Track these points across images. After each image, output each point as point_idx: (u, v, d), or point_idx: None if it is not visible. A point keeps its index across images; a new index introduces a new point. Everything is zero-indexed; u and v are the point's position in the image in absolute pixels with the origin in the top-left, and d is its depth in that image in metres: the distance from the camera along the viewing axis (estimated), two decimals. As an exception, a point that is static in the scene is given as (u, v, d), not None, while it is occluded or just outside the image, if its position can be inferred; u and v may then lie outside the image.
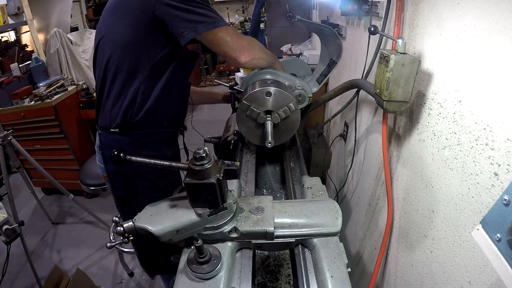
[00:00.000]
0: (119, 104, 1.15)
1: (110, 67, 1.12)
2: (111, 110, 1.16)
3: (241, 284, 0.73)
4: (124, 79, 1.11)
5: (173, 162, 0.76)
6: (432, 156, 0.85)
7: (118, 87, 1.13)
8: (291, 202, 0.86)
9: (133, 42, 1.06)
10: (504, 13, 0.57)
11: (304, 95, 1.20)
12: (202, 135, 1.64)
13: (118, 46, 1.08)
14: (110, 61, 1.11)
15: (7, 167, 2.17)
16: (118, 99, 1.14)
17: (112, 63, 1.11)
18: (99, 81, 1.18)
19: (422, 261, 0.93)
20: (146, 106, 1.14)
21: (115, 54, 1.09)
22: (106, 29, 1.13)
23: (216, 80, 1.88)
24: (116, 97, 1.14)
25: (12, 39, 3.97)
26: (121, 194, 1.31)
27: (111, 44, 1.10)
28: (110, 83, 1.14)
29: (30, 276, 2.18)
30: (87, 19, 5.66)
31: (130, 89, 1.12)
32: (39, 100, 2.69)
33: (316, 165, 1.96)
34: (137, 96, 1.12)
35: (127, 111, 1.14)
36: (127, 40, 1.06)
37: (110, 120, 1.17)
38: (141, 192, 1.28)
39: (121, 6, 1.08)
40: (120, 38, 1.07)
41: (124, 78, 1.11)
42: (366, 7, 1.27)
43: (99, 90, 1.21)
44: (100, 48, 1.15)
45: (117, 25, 1.09)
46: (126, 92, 1.13)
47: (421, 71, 0.87)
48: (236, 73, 2.46)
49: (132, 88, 1.11)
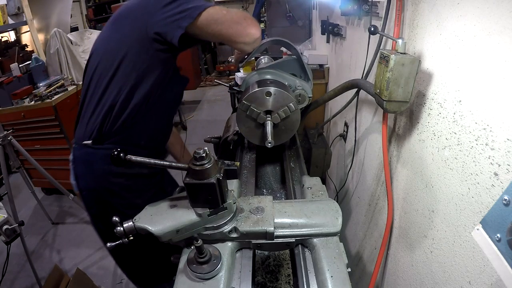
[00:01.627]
0: (97, 112, 1.10)
1: (95, 74, 1.10)
2: (89, 119, 1.11)
3: (241, 284, 0.73)
4: (106, 85, 1.08)
5: (173, 162, 0.76)
6: (432, 156, 0.85)
7: (99, 94, 1.09)
8: (291, 202, 0.86)
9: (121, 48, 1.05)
10: (504, 13, 0.57)
11: (304, 95, 1.20)
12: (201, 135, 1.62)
13: (106, 53, 1.08)
14: (97, 68, 1.09)
15: (7, 167, 2.17)
16: (97, 107, 1.10)
17: (98, 70, 1.09)
18: (83, 93, 1.15)
19: (422, 261, 0.93)
20: (124, 115, 1.09)
21: (102, 61, 1.08)
22: (101, 42, 1.13)
23: (216, 80, 1.87)
24: (95, 105, 1.10)
25: (12, 39, 3.97)
26: (96, 212, 1.24)
27: (101, 54, 1.09)
28: (92, 91, 1.11)
29: (30, 276, 2.18)
30: (87, 19, 5.66)
31: (110, 96, 1.08)
32: (39, 100, 2.69)
33: (316, 165, 1.96)
34: (116, 104, 1.08)
35: (104, 120, 1.09)
36: (116, 47, 1.06)
37: (85, 131, 1.12)
38: (117, 210, 1.19)
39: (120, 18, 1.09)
40: (111, 48, 1.07)
41: (106, 84, 1.08)
42: (366, 7, 1.27)
43: (81, 102, 1.16)
44: (91, 60, 1.14)
45: (111, 37, 1.10)
46: (106, 99, 1.08)
47: (421, 71, 0.87)
48: (236, 73, 2.46)
49: (112, 95, 1.07)
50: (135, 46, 1.04)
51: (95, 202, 1.20)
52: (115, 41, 1.08)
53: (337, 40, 1.96)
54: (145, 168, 1.22)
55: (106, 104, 1.08)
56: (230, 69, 6.36)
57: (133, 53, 1.04)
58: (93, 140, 1.11)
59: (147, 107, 1.12)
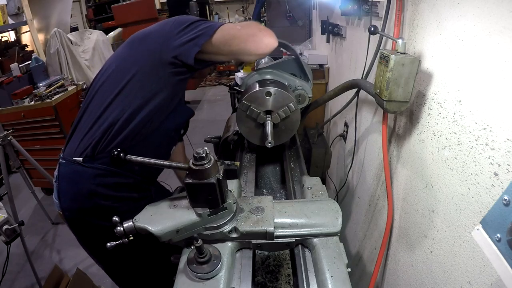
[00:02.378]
0: (95, 128, 1.05)
1: (100, 90, 1.08)
2: (85, 135, 1.06)
3: (241, 284, 0.73)
4: (109, 102, 1.05)
5: (173, 162, 0.76)
6: (432, 156, 0.85)
7: (101, 110, 1.05)
8: (291, 202, 0.86)
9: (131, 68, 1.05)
10: (504, 13, 0.57)
11: (304, 95, 1.20)
12: (201, 135, 1.62)
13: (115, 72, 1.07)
14: (103, 84, 1.08)
15: (7, 167, 2.17)
16: (95, 123, 1.05)
17: (104, 86, 1.08)
18: (85, 105, 1.11)
19: (422, 261, 0.93)
20: (122, 135, 1.04)
21: (110, 78, 1.07)
22: (113, 60, 1.13)
23: (216, 80, 1.87)
24: (94, 121, 1.05)
25: (12, 39, 3.98)
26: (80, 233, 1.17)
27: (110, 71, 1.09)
28: (94, 106, 1.08)
29: (30, 276, 2.17)
30: (87, 19, 5.66)
31: (112, 114, 1.04)
32: (39, 100, 2.69)
33: (316, 165, 1.96)
34: (117, 122, 1.04)
35: (102, 137, 1.04)
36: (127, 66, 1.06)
37: (77, 147, 1.06)
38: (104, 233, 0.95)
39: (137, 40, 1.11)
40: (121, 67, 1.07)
41: (110, 100, 1.05)
42: (366, 7, 1.27)
43: (80, 115, 1.12)
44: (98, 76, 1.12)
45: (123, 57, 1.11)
46: (107, 116, 1.04)
47: (421, 71, 0.87)
48: (236, 73, 2.46)
49: (115, 112, 1.04)
50: (146, 68, 1.04)
51: (79, 223, 1.13)
52: (127, 62, 1.08)
53: (337, 40, 1.96)
54: (134, 192, 1.16)
55: (107, 121, 1.04)
56: (230, 69, 6.36)
57: (142, 74, 1.04)
58: (84, 157, 1.04)
59: (147, 131, 1.08)
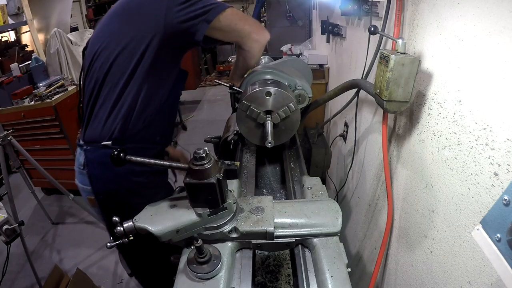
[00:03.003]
0: (115, 112, 1.07)
1: (113, 71, 1.06)
2: (106, 120, 1.07)
3: (241, 284, 0.73)
4: (124, 84, 1.05)
5: (173, 162, 0.76)
6: (432, 156, 0.85)
7: (117, 93, 1.06)
8: (291, 202, 0.86)
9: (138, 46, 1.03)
10: (504, 13, 0.57)
11: (304, 95, 1.20)
12: (201, 135, 1.62)
13: (124, 49, 1.04)
14: (114, 64, 1.05)
15: (7, 167, 2.17)
16: (115, 106, 1.07)
17: (116, 67, 1.05)
18: (95, 89, 1.10)
19: (422, 261, 0.93)
20: (145, 114, 1.09)
21: (120, 57, 1.05)
22: (111, 34, 1.08)
23: (216, 80, 1.87)
24: (113, 104, 1.07)
25: (12, 39, 3.98)
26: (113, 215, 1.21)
27: (117, 48, 1.05)
28: (110, 89, 1.07)
29: (30, 276, 2.17)
30: (87, 19, 5.66)
31: (130, 95, 1.06)
32: (39, 100, 2.69)
33: (316, 165, 1.96)
34: (137, 103, 1.07)
35: (126, 119, 1.07)
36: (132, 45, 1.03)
37: (101, 132, 1.07)
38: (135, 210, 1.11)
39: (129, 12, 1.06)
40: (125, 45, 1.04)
41: (124, 82, 1.05)
42: (366, 7, 1.27)
43: (92, 100, 1.11)
44: (102, 52, 1.08)
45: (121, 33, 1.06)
46: (125, 98, 1.06)
47: (421, 71, 0.87)
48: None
49: (132, 93, 1.06)
50: (154, 43, 1.03)
51: (114, 205, 1.17)
52: (129, 39, 1.04)
53: (337, 40, 1.96)
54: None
55: (126, 103, 1.06)
56: (230, 69, 6.34)
57: (152, 51, 1.03)
58: (114, 140, 1.07)
59: (163, 104, 1.14)
